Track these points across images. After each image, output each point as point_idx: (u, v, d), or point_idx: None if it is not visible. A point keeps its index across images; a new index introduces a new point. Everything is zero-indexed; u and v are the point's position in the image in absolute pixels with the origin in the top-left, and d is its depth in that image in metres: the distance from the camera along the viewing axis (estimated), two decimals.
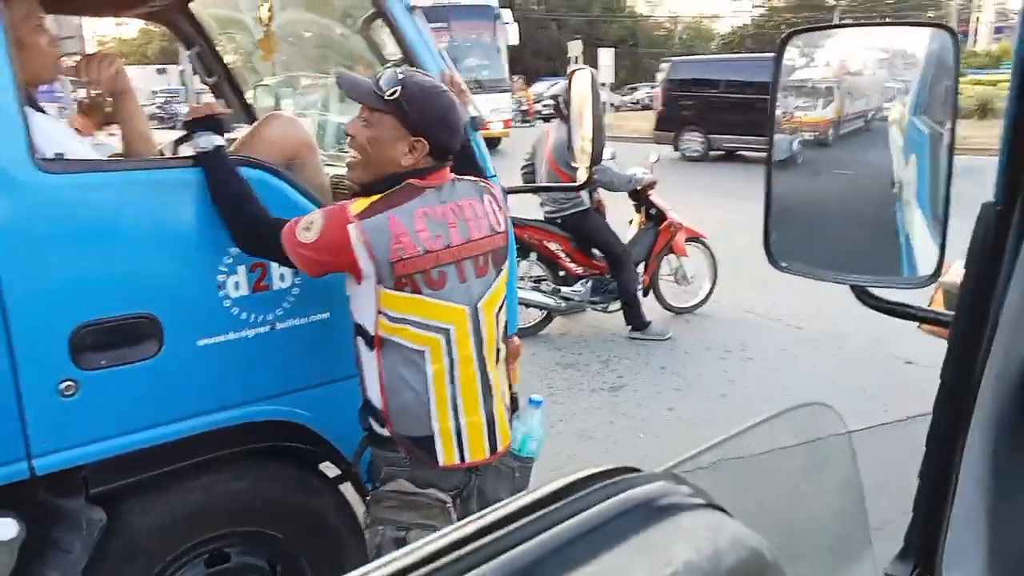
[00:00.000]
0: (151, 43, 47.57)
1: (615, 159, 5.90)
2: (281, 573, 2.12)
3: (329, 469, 2.27)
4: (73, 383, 1.69)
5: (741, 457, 0.52)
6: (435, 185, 1.83)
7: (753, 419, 0.60)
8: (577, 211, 5.53)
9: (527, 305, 5.59)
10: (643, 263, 5.87)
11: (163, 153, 2.37)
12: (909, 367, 4.75)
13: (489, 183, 2.00)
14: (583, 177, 2.65)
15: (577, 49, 21.22)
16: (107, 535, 1.82)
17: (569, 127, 2.74)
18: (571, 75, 2.73)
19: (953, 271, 1.39)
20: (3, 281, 1.59)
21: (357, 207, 1.75)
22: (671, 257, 6.00)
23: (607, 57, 23.12)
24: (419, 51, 2.17)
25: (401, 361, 1.80)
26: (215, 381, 1.89)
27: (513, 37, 17.47)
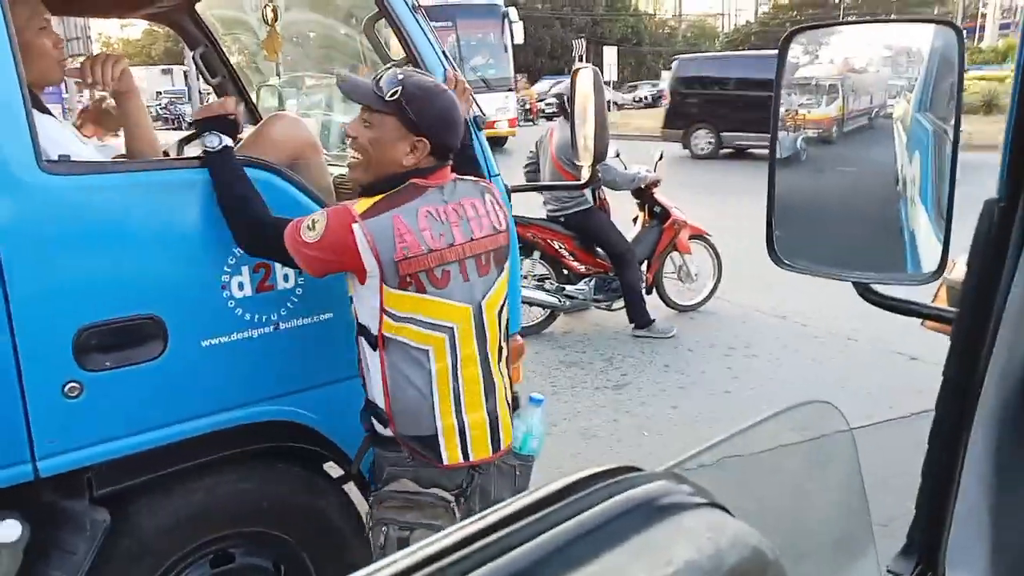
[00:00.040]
0: (155, 44, 47.72)
1: (619, 157, 5.90)
2: (286, 573, 2.13)
3: (333, 469, 2.28)
4: (77, 384, 1.69)
5: (742, 455, 0.52)
6: (437, 184, 1.84)
7: (756, 417, 0.60)
8: (581, 209, 5.52)
9: (531, 304, 5.59)
10: (647, 261, 5.86)
11: (167, 154, 2.38)
12: (914, 363, 4.74)
13: (489, 183, 2.01)
14: (587, 175, 2.65)
15: (581, 47, 21.21)
16: (112, 536, 1.82)
17: (573, 125, 2.74)
18: (575, 73, 2.73)
19: (957, 268, 1.39)
20: (8, 282, 1.60)
21: (361, 206, 1.76)
22: (675, 255, 6.00)
23: (611, 55, 23.13)
24: (423, 51, 2.17)
25: (405, 360, 1.81)
26: (219, 382, 1.89)
27: (518, 36, 17.33)
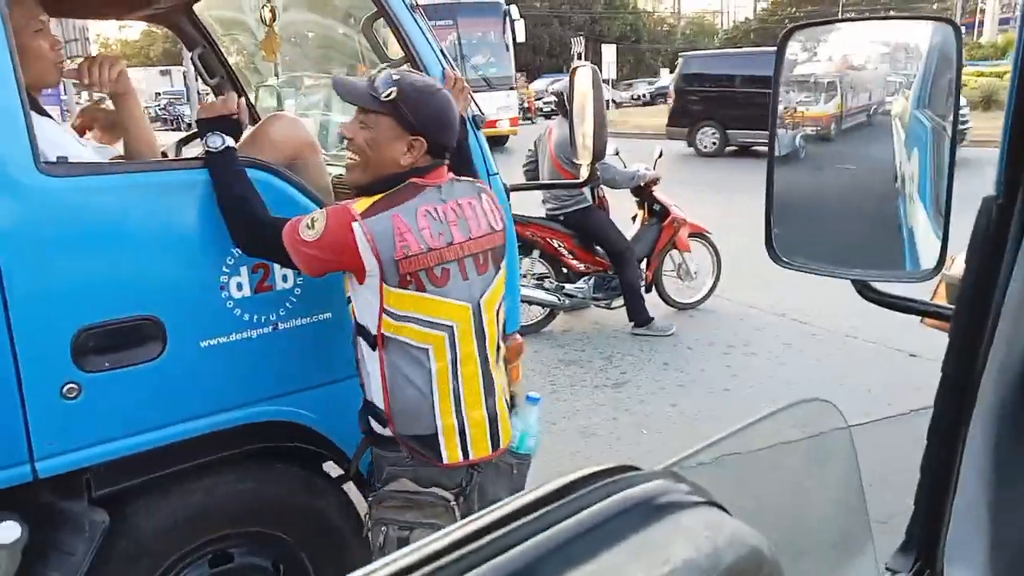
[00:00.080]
0: (154, 45, 47.70)
1: (618, 155, 5.90)
2: (285, 573, 2.13)
3: (332, 469, 2.27)
4: (76, 385, 1.69)
5: (741, 454, 0.52)
6: (435, 184, 1.85)
7: (754, 415, 0.60)
8: (580, 208, 5.52)
9: (530, 302, 5.59)
10: (646, 259, 5.86)
11: (166, 155, 2.38)
12: (913, 361, 4.74)
13: (485, 184, 2.01)
14: (585, 174, 2.65)
15: (580, 45, 21.18)
16: (111, 537, 1.82)
17: (571, 124, 2.74)
18: (573, 71, 2.73)
19: (956, 265, 1.39)
20: (7, 283, 1.59)
21: (360, 205, 1.76)
22: (674, 253, 6.00)
23: (610, 53, 23.14)
24: (421, 50, 2.17)
25: (405, 359, 1.81)
26: (218, 382, 1.89)
27: (519, 34, 17.04)
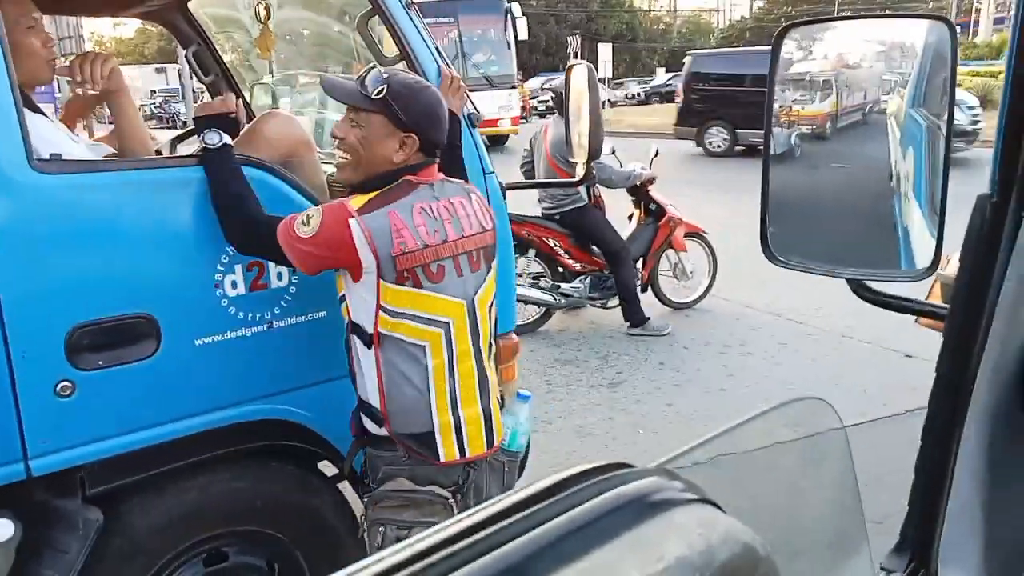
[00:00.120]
0: (148, 43, 47.59)
1: (615, 154, 5.89)
2: (279, 572, 2.12)
3: (327, 468, 2.27)
4: (70, 383, 1.68)
5: (736, 453, 0.51)
6: (428, 182, 1.86)
7: (748, 414, 0.60)
8: (575, 207, 5.51)
9: (525, 302, 5.59)
10: (642, 258, 5.86)
11: (160, 152, 2.37)
12: (908, 361, 4.75)
13: (473, 186, 2.02)
14: (581, 172, 2.64)
15: (576, 44, 21.15)
16: (105, 535, 1.82)
17: (567, 122, 2.74)
18: (569, 70, 2.72)
19: (952, 264, 1.39)
20: (0, 281, 1.59)
21: (356, 202, 1.77)
22: (670, 252, 5.99)
23: (606, 52, 23.13)
24: (416, 47, 2.16)
25: (401, 357, 1.81)
26: (213, 380, 1.89)
27: (522, 32, 16.76)
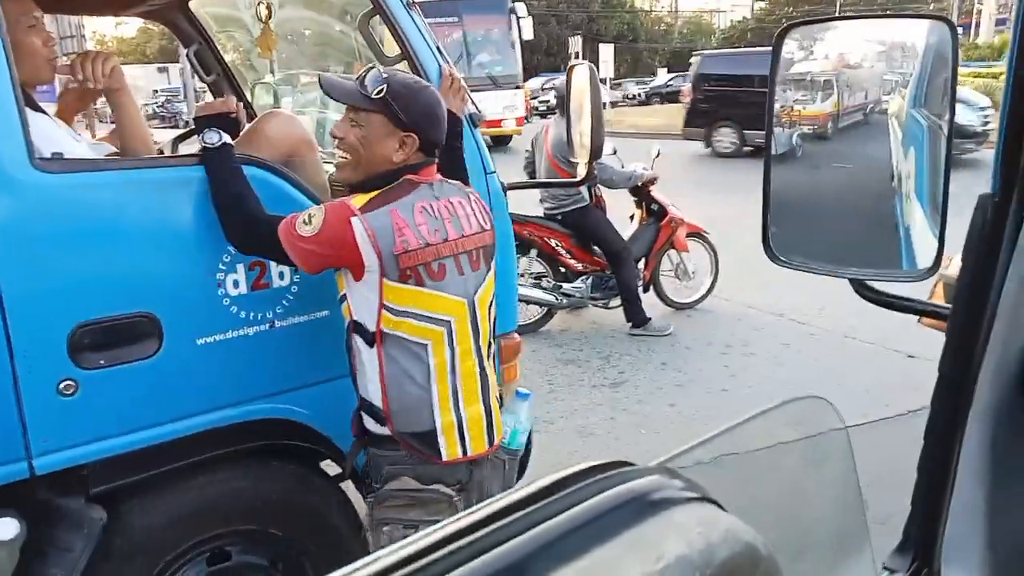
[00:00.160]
0: (150, 42, 47.62)
1: (616, 155, 5.89)
2: (282, 571, 2.12)
3: (330, 467, 2.27)
4: (72, 382, 1.69)
5: (737, 452, 0.51)
6: (428, 181, 1.86)
7: (749, 413, 0.59)
8: (577, 207, 5.51)
9: (527, 302, 5.58)
10: (644, 259, 5.85)
11: (162, 151, 2.37)
12: (911, 361, 4.74)
13: (471, 188, 2.02)
14: (583, 172, 2.64)
15: (577, 45, 21.12)
16: (108, 534, 1.82)
17: (568, 122, 2.73)
18: (570, 70, 2.72)
19: (954, 264, 1.39)
20: (2, 280, 1.59)
21: (358, 201, 1.78)
22: (672, 252, 5.99)
23: (607, 52, 23.12)
24: (417, 47, 2.17)
25: (404, 355, 1.81)
26: (215, 380, 1.89)
27: (526, 32, 16.67)
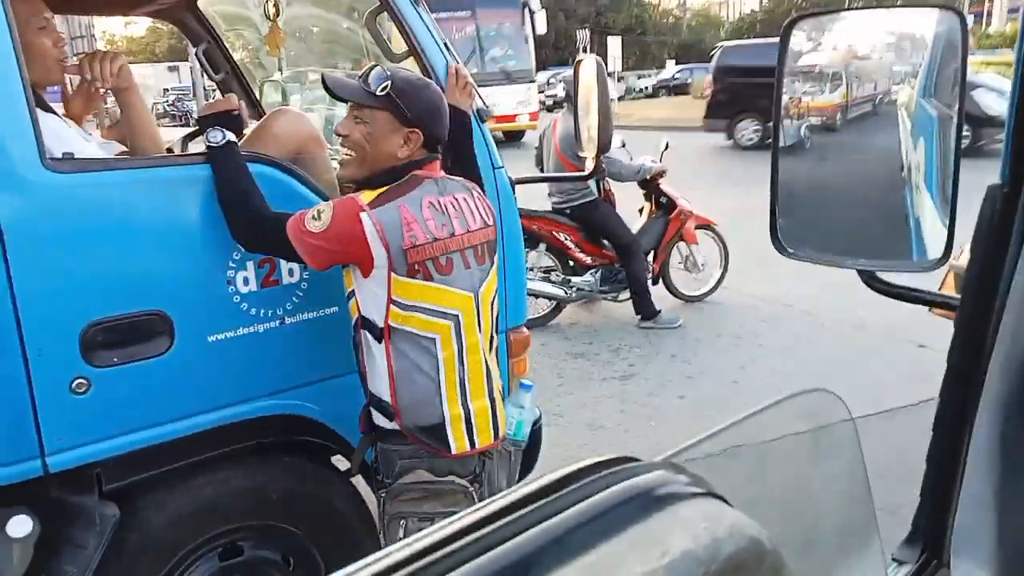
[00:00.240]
0: (160, 41, 47.77)
1: (625, 147, 5.87)
2: (295, 566, 2.14)
3: (341, 462, 2.28)
4: (85, 380, 1.70)
5: (743, 445, 0.51)
6: (433, 177, 1.88)
7: (756, 406, 0.59)
8: (586, 201, 5.50)
9: (536, 296, 5.58)
10: (653, 251, 5.84)
11: (172, 150, 2.38)
12: (922, 351, 4.71)
13: (473, 184, 2.02)
14: (591, 166, 2.64)
15: (585, 38, 21.02)
16: (121, 530, 1.84)
17: (576, 116, 2.73)
18: (578, 64, 2.71)
19: (965, 254, 1.38)
20: (15, 280, 1.60)
21: (366, 197, 1.78)
22: (681, 245, 5.97)
23: (615, 46, 23.02)
24: (425, 43, 2.16)
25: (413, 349, 1.82)
26: (226, 377, 1.90)
27: (540, 26, 16.45)
